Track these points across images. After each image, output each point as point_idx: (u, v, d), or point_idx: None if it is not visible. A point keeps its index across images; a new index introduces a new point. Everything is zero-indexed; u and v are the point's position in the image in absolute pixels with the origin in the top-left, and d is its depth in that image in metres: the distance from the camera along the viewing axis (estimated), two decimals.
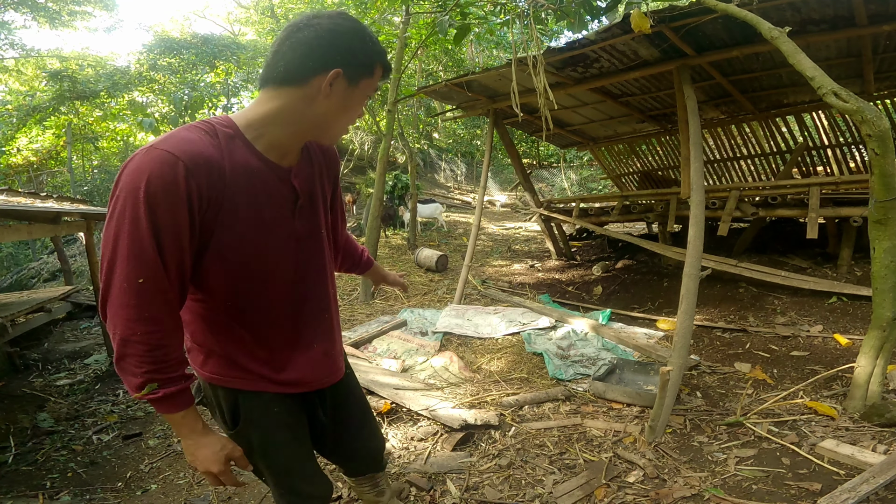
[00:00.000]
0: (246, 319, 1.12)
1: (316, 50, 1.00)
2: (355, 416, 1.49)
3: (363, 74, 1.05)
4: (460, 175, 18.63)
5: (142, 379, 0.96)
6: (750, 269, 4.50)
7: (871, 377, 2.44)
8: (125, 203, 0.91)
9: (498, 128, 6.06)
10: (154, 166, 0.90)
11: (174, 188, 0.91)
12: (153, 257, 0.92)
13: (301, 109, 1.03)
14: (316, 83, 1.01)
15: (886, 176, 2.21)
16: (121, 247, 0.92)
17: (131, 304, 0.93)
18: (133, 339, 0.94)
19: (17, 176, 12.69)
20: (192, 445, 1.06)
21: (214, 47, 12.81)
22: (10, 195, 4.57)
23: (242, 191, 1.01)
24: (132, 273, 0.92)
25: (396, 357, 3.87)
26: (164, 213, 0.91)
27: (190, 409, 1.04)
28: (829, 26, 3.59)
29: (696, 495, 2.01)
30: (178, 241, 0.95)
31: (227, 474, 1.09)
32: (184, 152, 0.92)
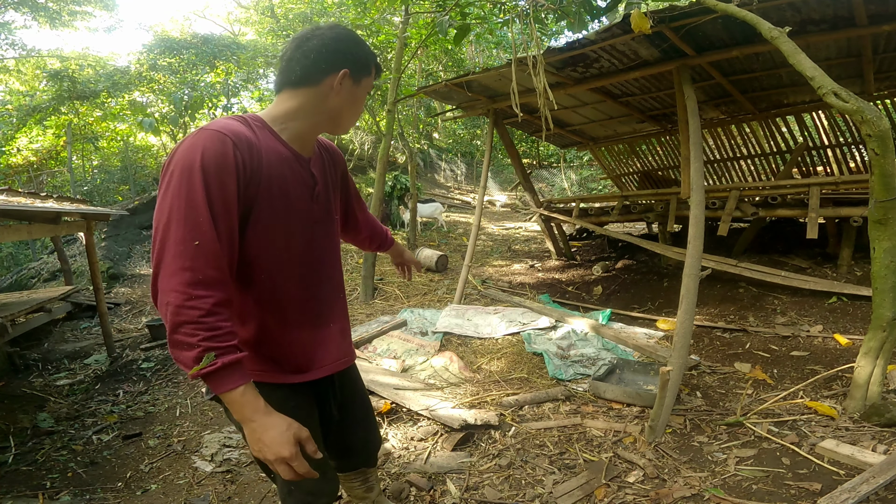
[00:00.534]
0: (273, 298, 1.18)
1: (325, 55, 1.16)
2: (358, 408, 1.53)
3: (364, 73, 1.22)
4: (460, 175, 18.62)
5: (198, 350, 0.94)
6: (750, 269, 4.50)
7: (871, 377, 2.44)
8: (181, 175, 0.99)
9: (498, 128, 6.06)
10: (207, 142, 1.01)
11: (224, 159, 1.01)
12: (207, 220, 0.98)
13: (317, 105, 1.19)
14: (328, 82, 1.17)
15: (886, 176, 2.21)
16: (176, 212, 0.97)
17: (187, 266, 0.96)
18: (188, 304, 0.94)
19: (17, 176, 12.69)
20: (257, 428, 0.99)
21: (214, 47, 12.80)
22: (10, 195, 4.57)
23: (274, 171, 1.12)
24: (188, 235, 0.96)
25: (396, 357, 3.87)
26: (216, 181, 1.00)
27: (250, 384, 1.00)
28: (829, 26, 3.59)
29: (696, 495, 2.01)
30: (228, 208, 1.02)
31: (299, 459, 1.02)
32: (230, 131, 1.05)
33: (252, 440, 1.01)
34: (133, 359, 4.58)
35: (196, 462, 2.74)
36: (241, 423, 1.02)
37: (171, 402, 3.63)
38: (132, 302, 6.69)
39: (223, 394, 0.98)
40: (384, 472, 2.34)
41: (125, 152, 14.04)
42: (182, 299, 0.94)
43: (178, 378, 4.09)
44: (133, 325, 5.82)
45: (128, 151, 14.10)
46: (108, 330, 4.83)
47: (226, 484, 2.50)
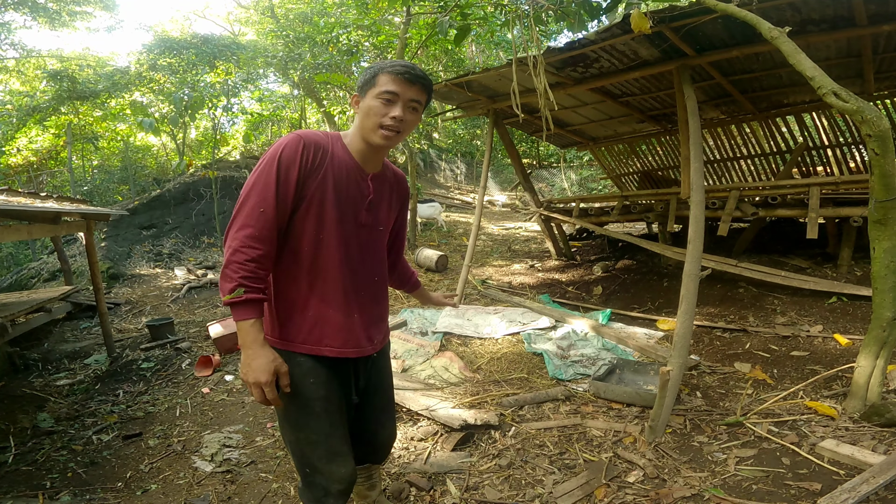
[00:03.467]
0: (316, 273, 1.40)
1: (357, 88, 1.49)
2: (379, 398, 1.60)
3: (367, 87, 1.43)
4: (460, 175, 18.61)
5: (235, 283, 1.27)
6: (750, 269, 4.50)
7: (871, 377, 2.44)
8: (267, 161, 1.34)
9: (498, 128, 6.06)
10: (290, 140, 1.36)
11: (295, 154, 1.34)
12: (273, 195, 1.31)
13: (355, 124, 1.48)
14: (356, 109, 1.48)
15: (886, 176, 2.21)
16: (256, 186, 1.32)
17: (250, 224, 1.30)
18: (242, 248, 1.28)
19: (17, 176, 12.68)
20: (251, 354, 1.29)
21: (214, 47, 12.79)
22: (10, 195, 4.56)
23: (336, 171, 1.40)
24: (258, 204, 1.31)
25: (396, 357, 3.87)
26: (284, 170, 1.33)
27: (259, 319, 1.32)
28: (829, 26, 3.59)
29: (696, 495, 2.01)
30: (287, 190, 1.34)
31: (271, 386, 1.30)
32: (306, 135, 1.38)
33: (243, 363, 1.31)
34: (133, 359, 4.58)
35: (196, 462, 2.74)
36: (243, 347, 1.31)
37: (171, 402, 3.63)
38: (132, 302, 6.69)
39: (238, 321, 1.30)
40: (384, 472, 2.34)
41: (125, 152, 14.03)
42: (238, 245, 1.29)
43: (178, 378, 4.09)
44: (133, 325, 5.82)
45: (128, 151, 14.10)
46: (108, 330, 4.83)
47: (226, 484, 2.50)
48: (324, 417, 1.40)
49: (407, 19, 7.07)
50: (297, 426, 1.41)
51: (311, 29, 10.71)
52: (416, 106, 1.42)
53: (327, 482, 1.42)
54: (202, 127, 16.31)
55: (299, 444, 1.43)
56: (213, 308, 6.26)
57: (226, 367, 4.15)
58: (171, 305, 6.55)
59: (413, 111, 1.42)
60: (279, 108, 14.24)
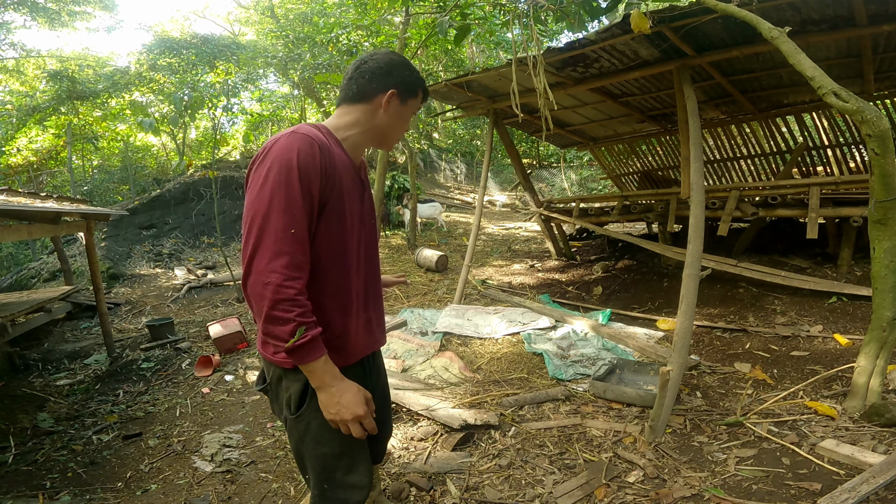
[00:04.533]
0: (335, 286, 1.30)
1: (378, 76, 1.32)
2: (379, 395, 1.57)
3: (410, 95, 1.36)
4: (460, 175, 18.62)
5: (293, 324, 1.11)
6: (750, 269, 4.50)
7: (871, 377, 2.44)
8: (279, 171, 1.13)
9: (498, 128, 6.06)
10: (301, 144, 1.16)
11: (313, 161, 1.17)
12: (301, 212, 1.14)
13: (369, 119, 1.34)
14: (378, 100, 1.33)
15: (886, 176, 2.21)
16: (276, 203, 1.12)
17: (285, 251, 1.12)
18: (286, 283, 1.11)
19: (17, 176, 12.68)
20: (336, 392, 1.18)
21: (214, 47, 12.80)
22: (10, 195, 4.56)
23: (341, 174, 1.26)
24: (287, 225, 1.12)
25: (396, 357, 3.86)
26: (306, 178, 1.15)
27: (327, 354, 1.18)
28: (829, 26, 3.59)
29: (696, 495, 2.01)
30: (312, 202, 1.18)
31: (370, 417, 1.21)
32: (316, 136, 1.21)
33: (330, 403, 1.18)
34: (133, 359, 4.58)
35: (196, 462, 2.74)
36: (321, 388, 1.19)
37: (171, 402, 3.63)
38: (132, 302, 6.69)
39: (308, 363, 1.15)
40: (384, 472, 2.34)
41: (125, 152, 14.04)
42: (282, 279, 1.10)
43: (178, 378, 4.09)
44: (133, 325, 5.82)
45: (128, 151, 14.11)
46: (108, 330, 4.83)
47: (226, 484, 2.50)
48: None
49: (406, 19, 7.08)
50: (322, 441, 1.31)
51: (311, 29, 10.71)
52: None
53: (347, 494, 1.36)
54: (202, 127, 16.31)
55: (322, 459, 1.34)
56: (213, 308, 6.26)
57: (226, 367, 4.15)
58: (171, 305, 6.55)
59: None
60: (279, 108, 14.25)
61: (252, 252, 1.13)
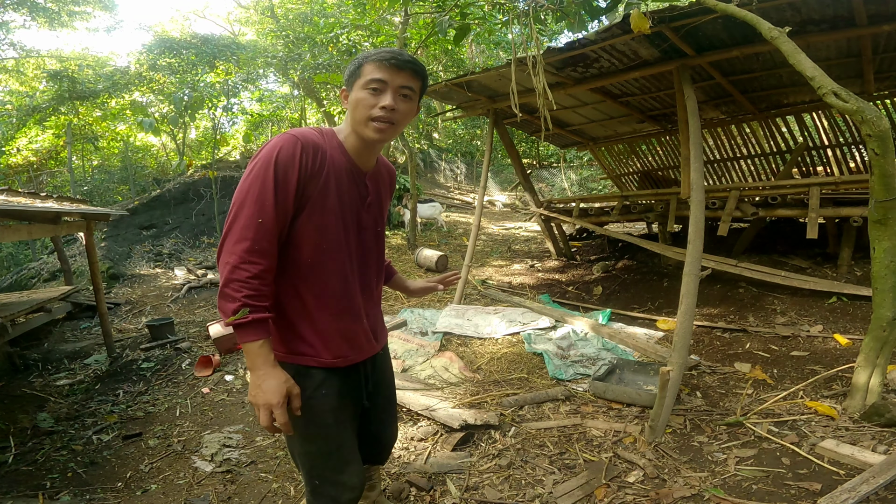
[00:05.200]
0: (317, 283, 1.33)
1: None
2: (383, 397, 1.58)
3: (354, 78, 1.34)
4: (460, 175, 18.62)
5: (238, 303, 1.18)
6: (750, 269, 4.50)
7: (871, 377, 2.44)
8: (261, 166, 1.22)
9: (498, 128, 6.06)
10: (284, 142, 1.24)
11: (292, 159, 1.23)
12: (271, 204, 1.21)
13: (347, 120, 1.38)
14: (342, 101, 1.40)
15: (886, 176, 2.21)
16: (251, 194, 1.21)
17: (249, 237, 1.20)
18: (242, 265, 1.19)
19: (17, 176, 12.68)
20: (261, 376, 1.21)
21: (214, 47, 12.79)
22: (10, 195, 4.56)
23: (334, 175, 1.31)
24: (255, 214, 1.20)
25: (396, 357, 3.87)
26: (283, 173, 1.22)
27: (268, 339, 1.23)
28: (829, 26, 3.59)
29: (696, 495, 2.01)
30: (287, 197, 1.23)
31: (282, 409, 1.21)
32: (302, 136, 1.27)
33: (253, 385, 1.22)
34: (133, 359, 4.58)
35: (196, 462, 2.74)
36: (251, 369, 1.22)
37: (171, 402, 3.63)
38: (132, 302, 6.69)
39: (245, 343, 1.21)
40: (384, 472, 2.34)
41: (125, 152, 14.03)
42: (238, 261, 1.19)
43: (178, 378, 4.09)
44: (133, 325, 5.81)
45: (128, 151, 14.10)
46: (108, 330, 4.83)
47: (226, 484, 2.50)
48: (336, 428, 1.36)
49: (405, 19, 7.08)
50: (309, 439, 1.35)
51: (311, 29, 10.71)
52: (407, 93, 1.31)
53: (338, 492, 1.37)
54: (202, 127, 16.31)
55: (310, 457, 1.38)
56: (213, 308, 6.26)
57: (226, 367, 4.15)
58: (171, 305, 6.55)
59: (406, 99, 1.31)
60: (279, 108, 14.25)
61: (224, 234, 1.23)
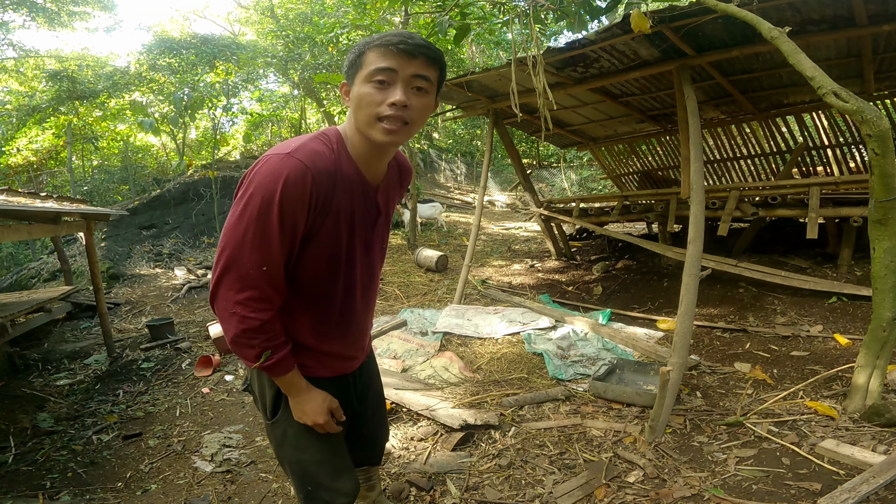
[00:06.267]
0: (311, 306, 1.26)
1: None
2: (372, 402, 1.56)
3: (355, 69, 1.15)
4: (460, 175, 18.61)
5: (258, 349, 1.13)
6: (750, 269, 4.50)
7: (871, 377, 2.44)
8: (261, 200, 1.06)
9: (498, 128, 6.06)
10: (291, 172, 1.06)
11: (302, 194, 1.07)
12: (277, 249, 1.09)
13: (350, 120, 1.20)
14: (342, 97, 1.21)
15: (886, 176, 2.21)
16: (250, 235, 1.07)
17: (255, 285, 1.09)
18: (252, 315, 1.10)
19: (17, 176, 12.68)
20: (300, 402, 1.24)
21: (214, 47, 12.78)
22: (10, 195, 4.56)
23: (345, 200, 1.18)
24: (259, 261, 1.08)
25: (396, 357, 3.87)
26: (290, 214, 1.08)
27: (295, 370, 1.22)
28: (829, 26, 3.59)
29: (696, 495, 2.01)
30: (294, 238, 1.12)
31: (330, 423, 1.28)
32: (313, 164, 1.09)
33: (296, 410, 1.25)
34: (133, 359, 4.58)
35: (196, 462, 2.74)
36: (289, 396, 1.25)
37: (171, 402, 3.63)
38: (132, 302, 6.69)
39: (276, 378, 1.21)
40: (384, 472, 2.34)
41: (125, 152, 14.03)
42: (247, 311, 1.10)
43: (178, 378, 4.09)
44: (133, 325, 5.81)
45: (128, 151, 14.10)
46: (108, 330, 4.83)
47: (226, 484, 2.50)
48: (327, 437, 1.32)
49: (405, 19, 7.08)
50: (300, 448, 1.32)
51: (311, 29, 10.70)
52: (422, 85, 1.12)
53: (332, 498, 1.35)
54: (202, 127, 16.31)
55: (302, 465, 1.34)
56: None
57: (226, 367, 4.15)
58: (171, 305, 6.55)
59: (420, 93, 1.13)
60: (279, 108, 14.24)
61: (220, 276, 1.10)
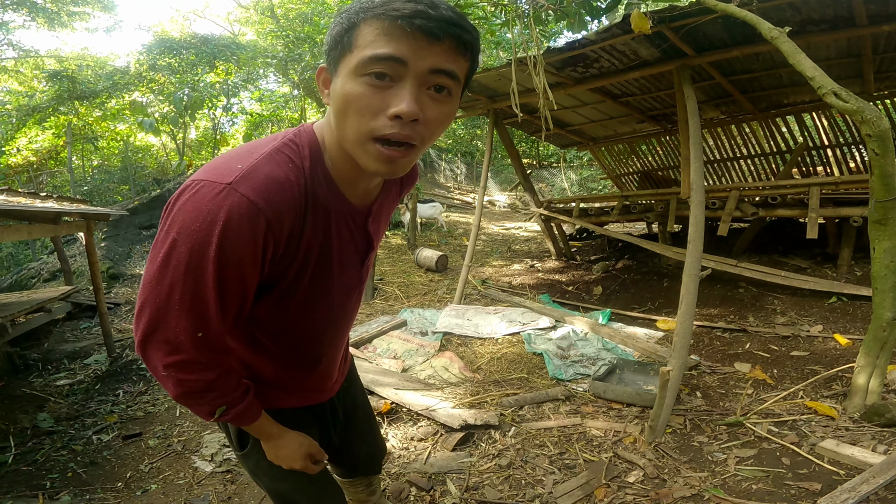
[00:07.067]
0: (277, 342, 1.07)
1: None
2: (362, 425, 1.50)
3: (341, 53, 0.77)
4: (460, 175, 18.63)
5: (209, 407, 0.93)
6: (750, 269, 4.50)
7: (871, 377, 2.44)
8: (188, 252, 0.77)
9: (498, 128, 6.06)
10: (232, 216, 0.75)
11: (251, 246, 0.79)
12: (215, 312, 0.83)
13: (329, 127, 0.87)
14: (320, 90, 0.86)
15: (886, 176, 2.21)
16: (178, 298, 0.80)
17: (187, 350, 0.84)
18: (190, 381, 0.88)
19: (17, 176, 12.69)
20: (272, 447, 1.09)
21: (214, 47, 12.79)
22: (10, 195, 4.56)
23: (319, 240, 0.91)
24: (190, 328, 0.82)
25: (396, 357, 3.86)
26: (233, 269, 0.80)
27: (261, 417, 1.03)
28: (829, 26, 3.59)
29: (696, 495, 2.01)
30: (243, 292, 0.86)
31: (309, 467, 1.13)
32: (268, 201, 0.78)
33: (269, 453, 1.10)
34: (133, 359, 4.58)
35: (196, 462, 2.74)
36: (261, 440, 1.09)
37: (170, 402, 3.63)
38: (132, 302, 6.69)
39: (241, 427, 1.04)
40: (384, 472, 2.34)
41: (125, 152, 14.05)
42: (184, 374, 0.87)
43: None
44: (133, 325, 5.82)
45: (128, 151, 14.11)
46: (108, 330, 4.83)
47: (226, 484, 2.50)
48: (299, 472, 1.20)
49: None
50: (277, 478, 1.19)
51: (311, 29, 10.71)
52: (446, 84, 0.76)
53: None
54: (202, 127, 16.32)
55: (280, 493, 1.24)
56: None
57: None
58: None
59: (441, 95, 0.77)
60: (279, 108, 14.25)
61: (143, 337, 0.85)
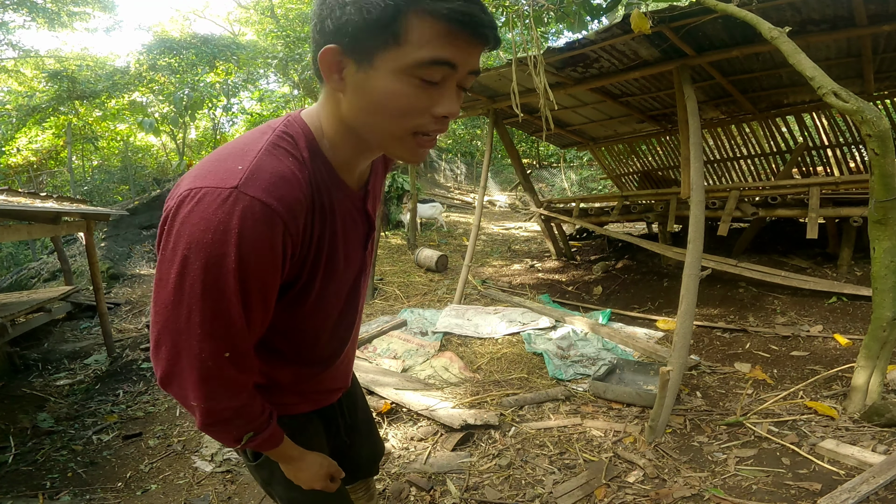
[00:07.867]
0: (290, 342, 1.06)
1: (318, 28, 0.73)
2: (362, 427, 1.50)
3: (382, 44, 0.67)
4: (460, 175, 18.63)
5: (236, 433, 0.91)
6: (750, 269, 4.50)
7: (871, 377, 2.44)
8: (203, 269, 0.70)
9: (498, 128, 6.06)
10: (247, 223, 0.69)
11: (272, 253, 0.74)
12: (241, 328, 0.78)
13: (334, 111, 0.80)
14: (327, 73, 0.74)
15: (886, 176, 2.21)
16: (198, 321, 0.74)
17: (215, 375, 0.80)
18: (219, 407, 0.85)
19: (17, 176, 12.69)
20: (291, 469, 1.08)
21: (214, 47, 12.80)
22: (10, 195, 4.56)
23: (327, 232, 0.88)
24: (217, 350, 0.78)
25: (396, 357, 3.87)
26: (256, 281, 0.75)
27: (284, 441, 1.03)
28: (829, 26, 3.59)
29: (696, 495, 2.01)
30: (266, 302, 0.82)
31: (329, 486, 1.13)
32: (282, 203, 0.73)
33: (288, 474, 1.09)
34: (133, 359, 4.58)
35: (196, 462, 2.74)
36: (280, 462, 1.08)
37: (170, 402, 3.63)
38: (132, 302, 6.69)
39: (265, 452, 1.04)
40: (384, 472, 2.35)
41: (125, 152, 14.05)
42: (213, 403, 0.83)
43: None
44: (133, 325, 5.82)
45: (128, 151, 14.12)
46: (108, 330, 4.83)
47: (226, 484, 2.50)
48: None
49: None
50: (291, 486, 1.17)
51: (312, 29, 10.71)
52: (471, 82, 0.80)
53: None
54: (202, 127, 16.32)
55: (294, 500, 1.22)
56: None
57: None
58: None
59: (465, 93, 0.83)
60: (279, 108, 14.26)
61: (166, 369, 0.79)
